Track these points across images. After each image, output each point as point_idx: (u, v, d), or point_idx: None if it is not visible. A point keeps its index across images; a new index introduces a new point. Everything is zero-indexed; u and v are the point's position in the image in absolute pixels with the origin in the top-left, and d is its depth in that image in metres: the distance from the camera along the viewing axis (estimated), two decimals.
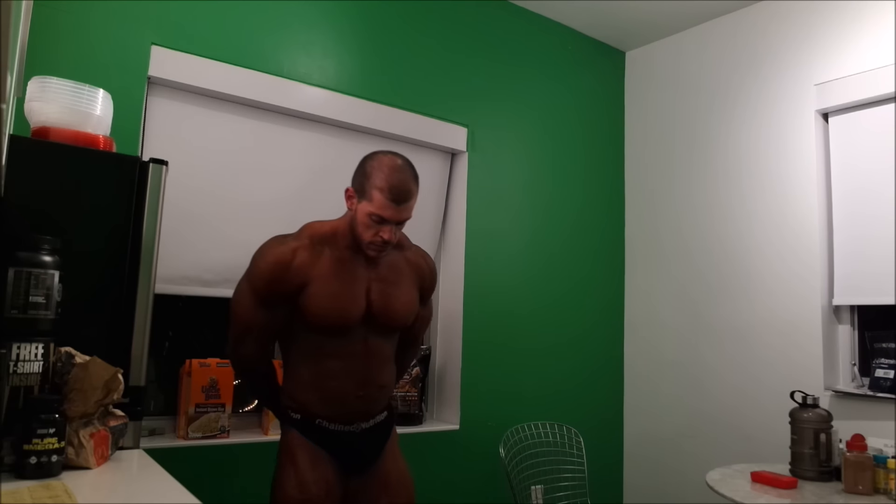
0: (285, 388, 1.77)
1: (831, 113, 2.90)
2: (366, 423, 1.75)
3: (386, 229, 1.65)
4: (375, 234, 1.65)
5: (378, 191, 1.61)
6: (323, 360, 1.70)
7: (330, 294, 1.66)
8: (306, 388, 1.71)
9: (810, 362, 2.79)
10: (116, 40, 2.21)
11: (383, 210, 1.62)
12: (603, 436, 3.43)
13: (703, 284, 3.24)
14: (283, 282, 1.64)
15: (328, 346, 1.69)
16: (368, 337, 1.73)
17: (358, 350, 1.71)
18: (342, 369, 1.70)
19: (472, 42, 3.14)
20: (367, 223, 1.64)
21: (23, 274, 1.34)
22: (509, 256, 3.18)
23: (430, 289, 1.94)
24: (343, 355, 1.70)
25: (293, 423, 1.73)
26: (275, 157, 2.60)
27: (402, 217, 1.66)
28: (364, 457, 1.76)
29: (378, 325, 1.74)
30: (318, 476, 1.66)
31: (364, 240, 1.67)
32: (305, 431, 1.71)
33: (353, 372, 1.71)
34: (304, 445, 1.69)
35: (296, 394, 1.73)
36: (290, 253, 1.66)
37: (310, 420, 1.71)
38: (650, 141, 3.60)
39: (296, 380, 1.73)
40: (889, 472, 2.07)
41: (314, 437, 1.70)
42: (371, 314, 1.72)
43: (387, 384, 1.80)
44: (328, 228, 1.74)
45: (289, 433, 1.73)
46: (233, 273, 2.48)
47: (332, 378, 1.70)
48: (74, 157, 1.58)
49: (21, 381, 1.31)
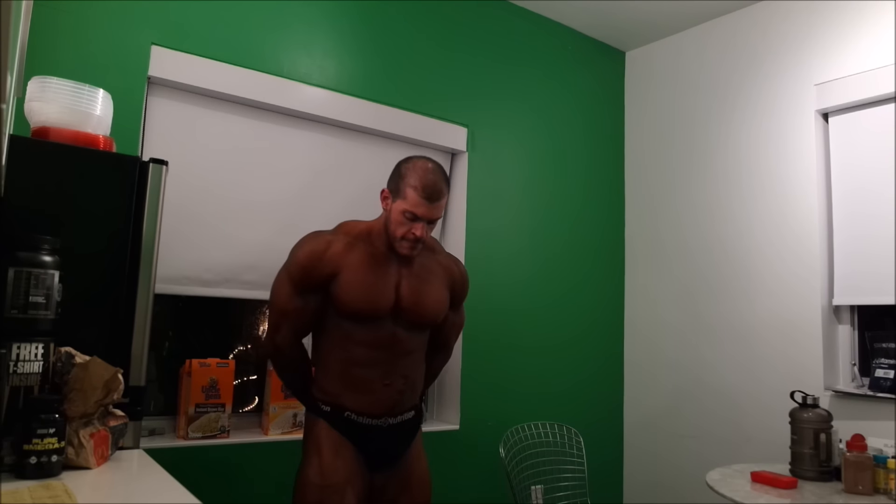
0: (317, 380, 1.83)
1: (831, 113, 2.90)
2: (393, 418, 1.80)
3: (418, 226, 1.75)
4: (408, 230, 1.75)
5: (412, 189, 1.72)
6: (351, 348, 1.76)
7: (360, 283, 1.75)
8: (335, 378, 1.78)
9: (810, 362, 2.79)
10: (116, 40, 2.21)
11: (416, 207, 1.72)
12: (603, 436, 3.43)
13: (703, 284, 3.24)
14: (317, 270, 1.75)
15: (357, 333, 1.76)
16: (396, 330, 1.79)
17: (385, 340, 1.78)
18: (369, 357, 1.76)
19: (472, 42, 3.14)
20: (400, 220, 1.74)
21: (23, 274, 1.34)
22: (509, 256, 3.18)
23: (462, 294, 2.01)
24: (370, 343, 1.76)
25: (323, 414, 1.78)
26: (275, 157, 2.60)
27: (434, 215, 1.76)
28: (389, 452, 1.80)
29: (406, 320, 1.81)
30: (340, 465, 1.72)
31: (397, 236, 1.76)
32: (334, 423, 1.76)
33: (379, 360, 1.77)
34: (331, 436, 1.75)
35: (326, 384, 1.79)
36: (325, 244, 1.77)
37: (339, 412, 1.76)
38: (650, 141, 3.60)
39: (326, 369, 1.80)
40: (889, 472, 2.07)
41: (342, 429, 1.76)
42: (400, 308, 1.79)
43: (412, 377, 1.84)
44: (363, 227, 1.84)
45: (317, 424, 1.78)
46: (233, 273, 2.48)
47: (359, 365, 1.76)
48: (74, 157, 1.58)
49: (21, 381, 1.31)
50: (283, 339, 1.79)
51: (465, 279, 2.01)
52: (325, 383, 1.80)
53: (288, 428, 2.44)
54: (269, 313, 1.84)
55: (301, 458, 1.79)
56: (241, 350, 2.70)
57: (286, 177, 2.62)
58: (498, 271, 3.13)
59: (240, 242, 2.49)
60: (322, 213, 2.66)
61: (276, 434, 2.43)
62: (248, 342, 2.73)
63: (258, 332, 2.76)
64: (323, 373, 1.81)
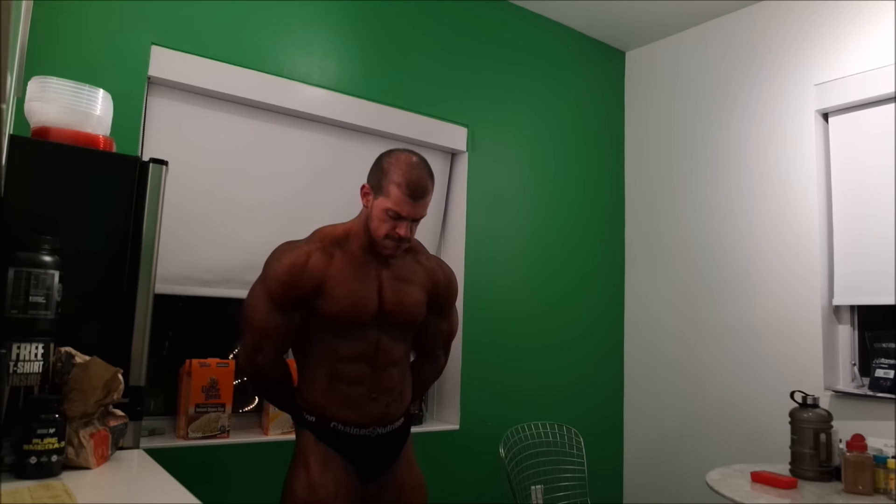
0: (300, 390, 1.76)
1: (831, 113, 2.90)
2: (382, 428, 1.74)
3: (403, 225, 1.66)
4: (392, 229, 1.66)
5: (395, 186, 1.63)
6: (335, 363, 1.69)
7: (344, 293, 1.66)
8: (320, 393, 1.70)
9: (810, 362, 2.79)
10: (116, 40, 2.21)
11: (400, 206, 1.63)
12: (603, 436, 3.43)
13: (703, 284, 3.24)
14: (298, 285, 1.63)
15: (341, 347, 1.68)
16: (381, 337, 1.72)
17: (370, 352, 1.70)
18: (354, 373, 1.69)
19: (472, 42, 3.14)
20: (382, 219, 1.65)
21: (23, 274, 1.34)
22: (509, 256, 3.18)
23: (448, 298, 1.89)
24: (355, 357, 1.69)
25: (308, 425, 1.72)
26: (275, 157, 2.60)
27: (418, 213, 1.67)
28: (379, 462, 1.75)
29: (392, 323, 1.73)
30: (328, 479, 1.65)
31: (379, 235, 1.67)
32: (320, 434, 1.70)
33: (365, 376, 1.70)
34: (318, 448, 1.69)
35: (310, 397, 1.72)
36: (304, 256, 1.65)
37: (325, 422, 1.70)
38: (650, 141, 3.60)
39: (310, 383, 1.72)
40: (889, 472, 2.07)
41: (329, 440, 1.69)
42: (384, 312, 1.71)
43: (399, 388, 1.77)
44: (340, 231, 1.75)
45: (303, 435, 1.72)
46: (233, 273, 2.48)
47: (345, 382, 1.69)
48: (74, 157, 1.58)
49: (21, 381, 1.31)
50: (265, 358, 1.67)
51: (451, 283, 1.88)
52: (310, 396, 1.72)
53: (288, 428, 2.44)
54: (246, 332, 1.69)
55: (288, 469, 1.73)
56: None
57: (286, 177, 2.62)
58: (498, 272, 3.13)
59: (240, 242, 2.49)
60: (322, 212, 2.65)
61: (276, 434, 2.43)
62: None
63: None
64: (307, 386, 1.72)
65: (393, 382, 1.75)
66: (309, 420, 1.72)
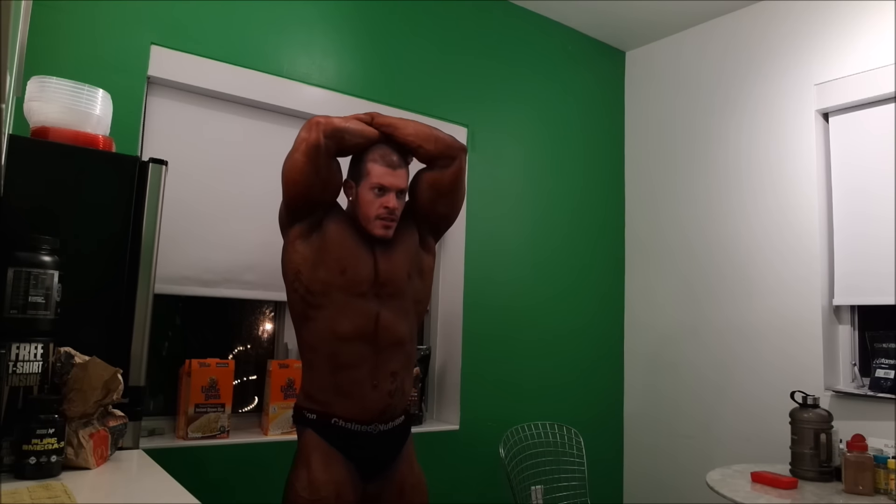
0: (303, 387, 1.78)
1: (831, 113, 2.90)
2: (384, 425, 1.75)
3: (389, 197, 1.73)
4: (380, 205, 1.72)
5: (372, 162, 1.73)
6: (336, 347, 1.70)
7: (342, 245, 1.72)
8: (324, 384, 1.72)
9: (810, 362, 2.79)
10: (116, 40, 2.21)
11: (383, 177, 1.72)
12: (603, 436, 3.43)
13: (703, 284, 3.24)
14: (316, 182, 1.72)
15: (340, 324, 1.69)
16: (381, 311, 1.73)
17: (370, 329, 1.71)
18: (355, 356, 1.70)
19: (472, 42, 3.14)
20: (370, 199, 1.73)
21: (22, 274, 1.34)
22: (509, 256, 3.18)
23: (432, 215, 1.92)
24: (355, 336, 1.70)
25: (309, 423, 1.73)
26: (275, 157, 2.59)
27: (400, 183, 1.74)
28: (380, 459, 1.76)
29: (388, 293, 1.75)
30: (329, 478, 1.66)
31: (370, 216, 1.74)
32: (322, 432, 1.71)
33: (365, 356, 1.71)
34: (320, 447, 1.70)
35: (314, 392, 1.74)
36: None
37: (326, 419, 1.71)
38: (650, 141, 3.60)
39: (313, 373, 1.74)
40: (889, 472, 2.07)
41: (330, 438, 1.70)
42: (380, 283, 1.74)
43: (401, 375, 1.77)
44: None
45: (304, 434, 1.74)
46: (233, 273, 2.48)
47: (346, 366, 1.70)
48: (74, 156, 1.58)
49: (20, 381, 1.31)
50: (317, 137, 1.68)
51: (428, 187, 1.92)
52: (314, 390, 1.74)
53: (288, 428, 2.44)
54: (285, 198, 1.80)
55: (290, 468, 1.74)
56: (241, 350, 2.70)
57: None
58: (498, 271, 3.13)
59: (239, 242, 2.49)
60: None
61: (275, 434, 2.43)
62: (247, 342, 2.73)
63: (258, 332, 2.76)
64: (310, 379, 1.76)
65: (395, 366, 1.75)
66: (310, 418, 1.73)
